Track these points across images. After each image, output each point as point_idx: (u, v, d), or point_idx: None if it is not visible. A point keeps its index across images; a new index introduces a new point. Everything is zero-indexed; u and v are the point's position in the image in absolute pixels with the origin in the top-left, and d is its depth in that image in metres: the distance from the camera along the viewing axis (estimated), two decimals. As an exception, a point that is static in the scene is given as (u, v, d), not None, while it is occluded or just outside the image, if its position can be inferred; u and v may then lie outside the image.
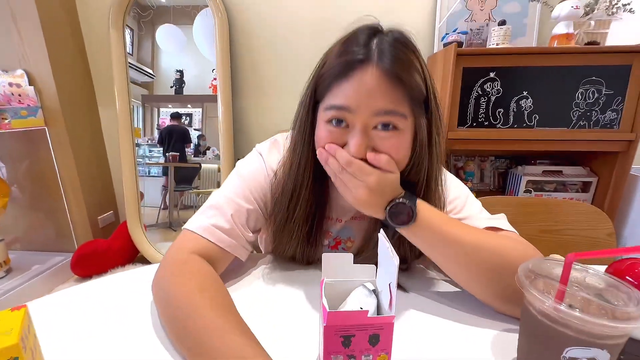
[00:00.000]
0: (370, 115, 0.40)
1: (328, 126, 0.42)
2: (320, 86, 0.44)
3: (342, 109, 0.40)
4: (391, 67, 0.39)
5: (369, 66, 0.39)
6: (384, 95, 0.39)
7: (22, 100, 1.44)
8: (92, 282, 0.51)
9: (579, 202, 0.85)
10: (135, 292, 0.48)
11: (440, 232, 0.41)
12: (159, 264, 0.45)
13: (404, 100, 0.40)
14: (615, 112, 1.19)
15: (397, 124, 0.41)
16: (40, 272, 1.49)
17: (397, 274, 0.26)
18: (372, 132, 0.41)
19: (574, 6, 1.16)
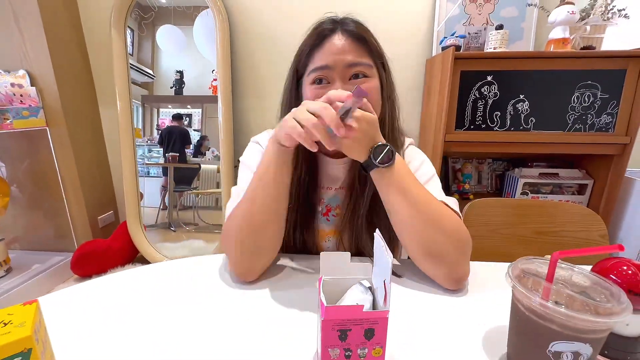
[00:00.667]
0: (344, 68, 0.52)
1: (313, 87, 0.53)
2: (301, 62, 0.55)
3: (322, 68, 0.52)
4: (354, 29, 0.52)
5: (337, 33, 0.53)
6: (351, 51, 0.52)
7: (23, 100, 1.45)
8: (93, 281, 0.52)
9: (573, 205, 0.87)
10: (136, 291, 0.50)
11: (403, 180, 0.49)
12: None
13: (368, 54, 0.53)
14: (610, 115, 1.21)
15: (365, 72, 0.52)
16: (40, 271, 1.50)
17: (390, 271, 0.27)
18: (348, 83, 0.52)
19: (570, 11, 1.18)
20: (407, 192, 0.48)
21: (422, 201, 0.48)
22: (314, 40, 0.53)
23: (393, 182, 0.48)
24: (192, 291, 0.49)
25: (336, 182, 0.63)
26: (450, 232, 0.47)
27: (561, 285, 0.31)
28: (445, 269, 0.48)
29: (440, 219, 0.48)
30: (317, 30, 0.53)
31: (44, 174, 1.60)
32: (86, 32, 1.63)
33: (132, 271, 0.55)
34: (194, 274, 0.54)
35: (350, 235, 0.60)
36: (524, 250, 0.89)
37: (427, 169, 0.59)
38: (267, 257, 0.53)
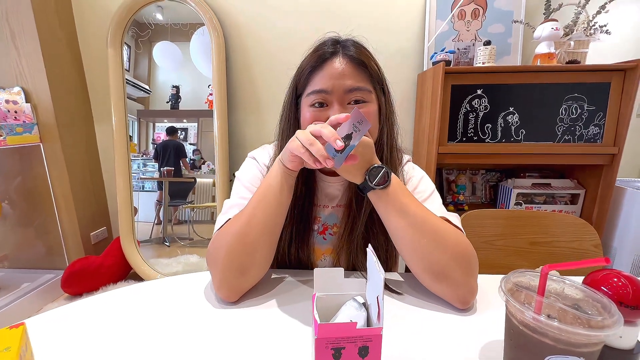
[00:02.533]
0: (342, 93, 0.51)
1: (311, 109, 0.53)
2: (300, 82, 0.55)
3: (321, 92, 0.52)
4: (354, 54, 0.52)
5: (337, 56, 0.52)
6: (351, 76, 0.51)
7: (18, 116, 1.45)
8: (81, 302, 0.51)
9: (566, 215, 0.88)
10: (124, 312, 0.49)
11: (401, 202, 0.49)
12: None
13: (367, 79, 0.53)
14: (597, 126, 1.24)
15: (364, 98, 0.52)
16: (29, 290, 1.46)
17: (383, 287, 0.27)
18: (347, 106, 0.52)
19: (554, 28, 1.22)
20: (406, 213, 0.48)
21: (423, 221, 0.48)
22: (314, 62, 0.53)
23: (390, 203, 0.48)
24: (183, 310, 0.48)
25: (333, 201, 0.62)
26: (453, 251, 0.47)
27: (553, 299, 0.31)
28: (451, 288, 0.47)
29: (442, 238, 0.47)
30: (317, 53, 0.53)
31: (36, 190, 1.59)
32: (83, 49, 1.65)
33: (121, 291, 0.54)
34: (184, 293, 0.53)
35: (347, 255, 0.59)
36: (518, 261, 0.89)
37: (427, 186, 0.59)
38: (254, 277, 0.51)
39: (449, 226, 0.50)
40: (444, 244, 0.47)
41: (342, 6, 1.50)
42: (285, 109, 0.58)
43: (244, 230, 0.48)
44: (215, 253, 0.50)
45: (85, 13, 1.60)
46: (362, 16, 1.51)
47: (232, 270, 0.48)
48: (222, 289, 0.49)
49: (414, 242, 0.47)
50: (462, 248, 0.48)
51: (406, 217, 0.48)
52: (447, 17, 1.44)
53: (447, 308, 0.48)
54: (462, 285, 0.46)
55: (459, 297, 0.47)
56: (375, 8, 1.50)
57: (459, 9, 1.44)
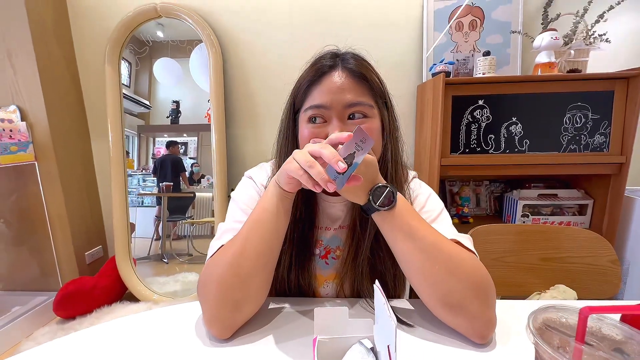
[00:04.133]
0: (342, 108, 0.48)
1: (309, 125, 0.50)
2: (298, 97, 0.52)
3: (319, 107, 0.49)
4: (354, 67, 0.49)
5: (336, 70, 0.49)
6: (351, 90, 0.48)
7: (13, 135, 1.43)
8: (76, 334, 0.47)
9: (578, 229, 0.84)
10: (112, 348, 0.44)
11: (408, 224, 0.45)
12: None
13: (368, 93, 0.50)
14: (603, 135, 1.21)
15: (365, 112, 0.49)
16: (20, 314, 1.40)
17: (395, 335, 0.24)
18: (347, 122, 0.49)
19: (553, 37, 1.21)
20: (414, 236, 0.44)
21: (433, 245, 0.44)
22: (312, 76, 0.50)
23: (397, 225, 0.45)
24: (171, 348, 0.44)
25: (335, 222, 0.58)
26: (468, 279, 0.43)
27: (593, 344, 0.27)
28: (467, 321, 0.42)
29: (457, 265, 0.43)
30: (315, 66, 0.50)
31: (30, 209, 1.55)
32: (80, 66, 1.64)
33: (106, 325, 0.50)
34: (173, 327, 0.49)
35: (352, 281, 0.55)
36: (530, 278, 0.85)
37: (435, 205, 0.55)
38: (249, 312, 0.47)
39: (463, 251, 0.46)
40: (458, 271, 0.43)
41: (338, 20, 1.51)
42: (283, 126, 0.55)
43: (236, 261, 0.44)
44: (206, 286, 0.45)
45: (83, 31, 1.61)
46: (358, 29, 1.51)
47: (225, 305, 0.44)
48: (213, 325, 0.44)
49: (425, 269, 0.43)
50: (478, 276, 0.43)
51: (414, 240, 0.44)
52: (445, 28, 1.44)
53: (464, 342, 0.43)
54: (479, 318, 0.42)
55: (476, 331, 0.42)
56: (372, 20, 1.50)
57: (456, 21, 1.44)
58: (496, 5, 1.43)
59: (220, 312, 0.44)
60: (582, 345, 0.24)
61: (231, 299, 0.44)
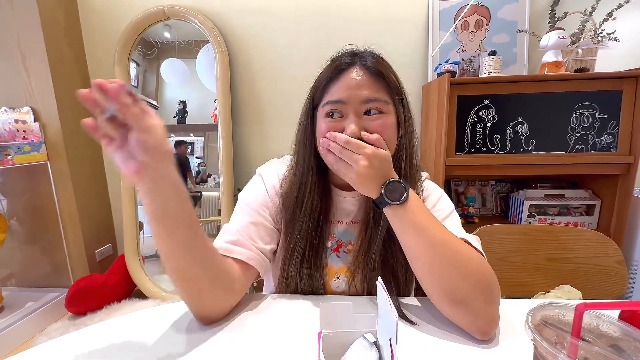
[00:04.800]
0: (359, 104, 0.50)
1: (327, 119, 0.52)
2: (317, 92, 0.54)
3: (337, 102, 0.50)
4: (372, 65, 0.51)
5: (355, 67, 0.51)
6: (368, 86, 0.50)
7: (26, 135, 1.47)
8: (74, 334, 0.48)
9: (585, 229, 0.83)
10: (120, 343, 0.46)
11: (419, 219, 0.46)
12: None
13: (385, 90, 0.51)
14: (611, 135, 1.20)
15: (381, 109, 0.51)
16: (33, 310, 1.44)
17: (397, 329, 0.25)
18: (364, 117, 0.50)
19: (560, 36, 1.20)
20: (424, 232, 0.45)
21: (443, 241, 0.45)
22: (330, 73, 0.52)
23: (407, 220, 0.46)
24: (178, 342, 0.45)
25: (348, 216, 0.60)
26: (475, 276, 0.44)
27: (589, 338, 0.27)
28: (471, 317, 0.43)
29: (463, 262, 0.44)
30: (335, 63, 0.53)
31: (43, 208, 1.59)
32: (90, 68, 1.68)
33: (121, 319, 0.51)
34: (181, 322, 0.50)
35: (363, 274, 0.56)
36: (536, 278, 0.85)
37: (446, 204, 0.57)
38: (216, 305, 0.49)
39: (471, 250, 0.47)
40: (465, 268, 0.44)
41: (343, 20, 1.51)
42: (302, 121, 0.57)
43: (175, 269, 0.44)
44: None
45: (93, 34, 1.64)
46: (364, 29, 1.51)
47: (189, 300, 0.47)
48: (195, 317, 0.49)
49: (433, 264, 0.44)
50: (484, 274, 0.44)
51: (424, 235, 0.45)
52: (450, 28, 1.44)
53: (466, 339, 0.44)
54: (482, 315, 0.43)
55: (479, 328, 0.43)
56: (378, 20, 1.50)
57: (462, 20, 1.44)
58: (502, 4, 1.42)
59: (191, 306, 0.48)
60: (578, 340, 0.25)
61: (187, 299, 0.47)
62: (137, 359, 0.42)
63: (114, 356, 0.43)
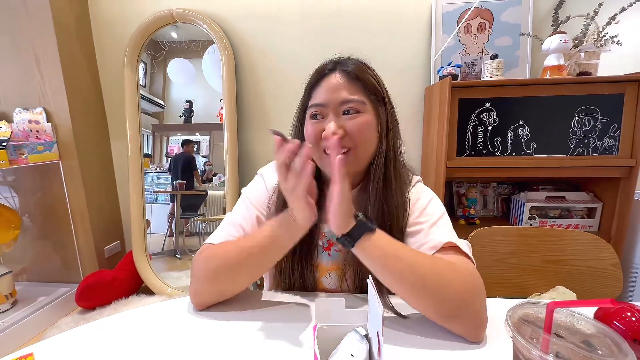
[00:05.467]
0: (337, 105, 0.54)
1: (311, 121, 0.56)
2: (304, 98, 0.59)
3: (319, 105, 0.55)
4: (350, 69, 0.55)
5: (334, 72, 0.56)
6: (345, 89, 0.54)
7: (39, 135, 1.52)
8: (88, 326, 0.51)
9: (581, 232, 0.85)
10: (131, 335, 0.49)
11: (388, 250, 0.47)
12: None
13: (361, 91, 0.55)
14: (612, 138, 1.21)
15: (357, 108, 0.54)
16: (45, 304, 1.50)
17: (382, 323, 0.27)
18: (342, 117, 0.54)
19: (562, 40, 1.21)
20: (399, 257, 0.47)
21: (419, 263, 0.46)
22: (314, 79, 0.57)
23: (380, 253, 0.47)
24: (184, 334, 0.48)
25: None
26: (459, 294, 0.45)
27: (563, 335, 0.30)
28: (462, 326, 0.46)
29: (445, 279, 0.45)
30: (317, 71, 0.57)
31: (54, 205, 1.64)
32: (101, 70, 1.73)
33: (125, 314, 0.55)
34: (188, 315, 0.53)
35: (355, 271, 0.58)
36: (532, 280, 0.86)
37: (436, 208, 0.58)
38: (229, 297, 0.56)
39: (450, 264, 0.48)
40: (448, 286, 0.45)
41: (347, 24, 1.53)
42: (294, 123, 0.62)
43: (231, 278, 0.53)
44: (200, 270, 0.53)
45: (103, 37, 1.69)
46: (367, 33, 1.53)
47: (210, 293, 0.54)
48: (194, 298, 0.55)
49: (415, 289, 0.46)
50: (469, 289, 0.46)
51: (400, 261, 0.46)
52: (453, 31, 1.45)
53: (455, 337, 0.46)
54: (472, 323, 0.45)
55: (470, 334, 0.45)
56: (381, 23, 1.52)
57: (465, 23, 1.45)
58: (505, 7, 1.43)
59: (205, 295, 0.54)
60: (549, 335, 0.28)
61: (217, 290, 0.54)
62: (144, 351, 0.45)
63: (123, 348, 0.46)
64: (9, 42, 1.51)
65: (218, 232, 0.59)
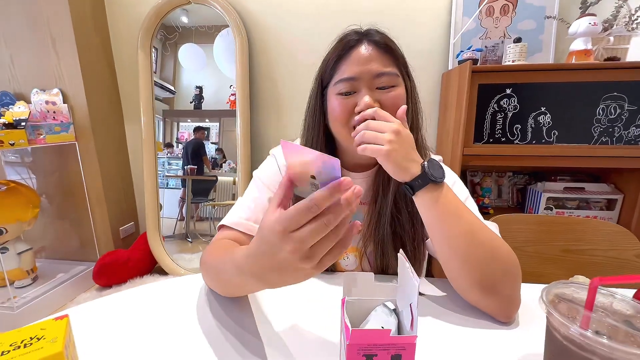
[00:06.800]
0: (370, 78, 0.50)
1: (339, 97, 0.52)
2: (326, 72, 0.55)
3: (349, 79, 0.51)
4: (379, 39, 0.52)
5: (363, 43, 0.52)
6: (377, 60, 0.51)
7: (56, 116, 1.54)
8: (114, 296, 0.53)
9: (603, 221, 0.82)
10: (157, 305, 0.50)
11: (456, 205, 0.45)
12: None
13: (394, 63, 0.52)
14: (639, 128, 1.16)
15: (392, 82, 0.51)
16: (64, 280, 1.55)
17: (417, 295, 0.27)
18: (376, 91, 0.51)
19: (591, 23, 1.15)
20: (462, 218, 0.44)
21: (478, 228, 0.44)
22: (339, 51, 0.52)
23: (445, 205, 0.44)
24: (207, 308, 0.49)
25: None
26: (506, 263, 0.43)
27: (601, 314, 0.29)
28: (499, 303, 0.44)
29: (497, 249, 0.43)
30: (343, 42, 0.53)
31: (71, 186, 1.68)
32: (115, 53, 1.73)
33: (151, 286, 0.56)
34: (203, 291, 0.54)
35: (376, 250, 0.57)
36: (550, 269, 0.85)
37: (461, 190, 0.56)
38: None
39: (500, 238, 0.46)
40: (498, 255, 0.43)
41: (363, 5, 1.49)
42: (311, 102, 0.58)
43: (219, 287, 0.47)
44: (205, 271, 0.49)
45: (118, 19, 1.68)
46: (383, 14, 1.48)
47: (219, 291, 0.49)
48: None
49: (469, 251, 0.43)
50: (513, 260, 0.44)
51: (462, 222, 0.44)
52: (474, 13, 1.39)
53: (482, 318, 0.46)
54: (510, 300, 0.44)
55: (505, 312, 0.44)
56: (398, 5, 1.47)
57: (487, 5, 1.39)
58: (531, -12, 1.36)
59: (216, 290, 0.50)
60: (590, 312, 0.27)
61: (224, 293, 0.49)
62: (173, 320, 0.46)
63: (151, 316, 0.47)
64: (24, 22, 1.51)
65: (230, 213, 0.58)
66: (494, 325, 0.44)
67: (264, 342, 0.42)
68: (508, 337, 0.42)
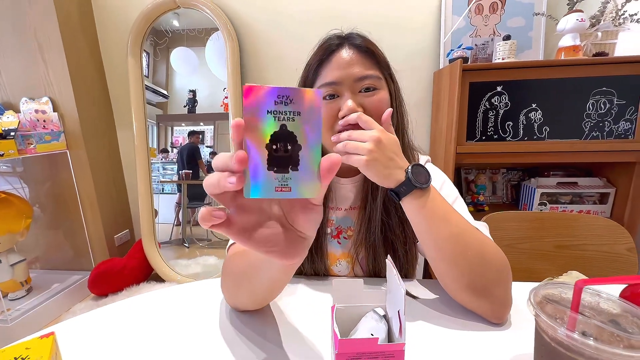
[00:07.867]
0: (352, 82, 0.50)
1: (323, 102, 0.51)
2: (309, 77, 0.54)
3: (331, 84, 0.51)
4: (360, 43, 0.52)
5: (344, 47, 0.52)
6: (359, 64, 0.51)
7: (46, 125, 1.53)
8: (105, 308, 0.52)
9: (596, 216, 0.83)
10: (148, 317, 0.50)
11: (443, 209, 0.44)
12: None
13: (375, 66, 0.52)
14: (629, 122, 1.17)
15: (375, 85, 0.51)
16: (59, 290, 1.53)
17: (404, 301, 0.27)
18: (359, 95, 0.51)
19: (579, 19, 1.16)
20: (448, 221, 0.44)
21: (466, 230, 0.44)
22: (321, 56, 0.52)
23: (431, 209, 0.44)
24: (199, 317, 0.49)
25: (346, 203, 0.61)
26: (495, 265, 0.43)
27: (588, 314, 0.29)
28: (490, 305, 0.44)
29: (486, 251, 0.44)
30: (324, 46, 0.53)
31: (63, 195, 1.66)
32: (105, 59, 1.71)
33: (143, 296, 0.55)
34: (202, 299, 0.54)
35: (367, 255, 0.57)
36: (544, 265, 0.86)
37: (450, 190, 0.56)
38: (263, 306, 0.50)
39: (489, 239, 0.46)
40: (487, 257, 0.43)
41: (353, 6, 1.49)
42: None
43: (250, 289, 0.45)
44: (224, 283, 0.48)
45: (106, 24, 1.66)
46: (374, 15, 1.49)
47: (237, 307, 0.49)
48: (229, 302, 0.50)
49: (457, 256, 0.43)
50: (502, 262, 0.44)
51: (449, 225, 0.44)
52: (464, 11, 1.40)
53: (474, 320, 0.46)
54: (500, 302, 0.44)
55: (496, 314, 0.44)
56: (388, 6, 1.47)
57: (476, 4, 1.40)
58: (519, -14, 1.37)
59: (234, 306, 0.49)
60: (577, 314, 0.27)
61: (242, 306, 0.49)
62: (163, 332, 0.46)
63: (141, 330, 0.47)
64: (10, 29, 1.49)
65: None
66: (487, 327, 0.44)
67: (252, 345, 0.41)
68: (500, 338, 0.42)
